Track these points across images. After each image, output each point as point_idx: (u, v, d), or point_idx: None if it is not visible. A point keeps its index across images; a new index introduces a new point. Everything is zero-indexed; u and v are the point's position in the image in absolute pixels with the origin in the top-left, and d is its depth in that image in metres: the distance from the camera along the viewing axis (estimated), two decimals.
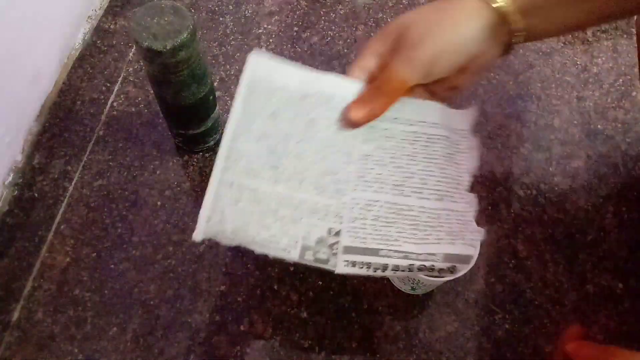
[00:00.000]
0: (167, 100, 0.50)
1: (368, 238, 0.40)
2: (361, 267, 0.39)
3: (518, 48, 0.69)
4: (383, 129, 0.43)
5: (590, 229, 0.56)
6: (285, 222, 0.39)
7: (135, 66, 0.65)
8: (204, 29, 0.68)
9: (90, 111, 0.61)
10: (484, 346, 0.50)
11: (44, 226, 0.54)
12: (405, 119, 0.44)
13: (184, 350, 0.48)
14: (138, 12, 0.45)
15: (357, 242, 0.39)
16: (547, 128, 0.62)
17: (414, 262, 0.39)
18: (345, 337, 0.50)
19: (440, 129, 0.45)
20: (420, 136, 0.44)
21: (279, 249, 0.39)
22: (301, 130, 0.42)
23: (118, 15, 0.69)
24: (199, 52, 0.47)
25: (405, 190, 0.42)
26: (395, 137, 0.44)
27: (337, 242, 0.39)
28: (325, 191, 0.41)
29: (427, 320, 0.51)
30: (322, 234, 0.39)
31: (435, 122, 0.45)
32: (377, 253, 0.39)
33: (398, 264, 0.39)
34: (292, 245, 0.39)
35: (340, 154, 0.42)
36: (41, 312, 0.50)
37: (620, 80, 0.66)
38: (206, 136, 0.57)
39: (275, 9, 0.71)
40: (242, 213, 0.39)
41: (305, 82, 0.43)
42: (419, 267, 0.39)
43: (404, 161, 0.43)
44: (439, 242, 0.40)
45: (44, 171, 0.57)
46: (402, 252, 0.39)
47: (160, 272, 0.52)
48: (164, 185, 0.56)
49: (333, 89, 0.43)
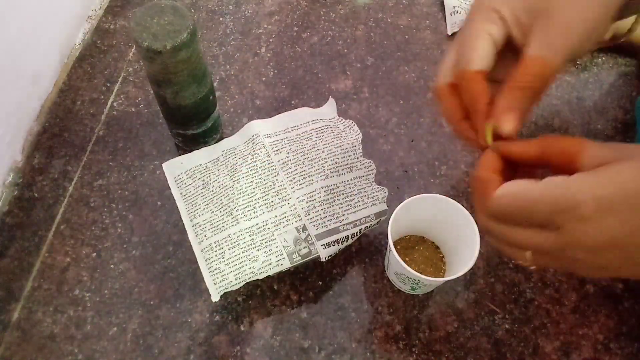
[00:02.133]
0: (167, 100, 0.50)
1: (325, 221, 0.49)
2: (334, 245, 0.49)
3: None
4: (281, 140, 0.54)
5: None
6: (264, 245, 0.48)
7: (135, 66, 0.65)
8: (204, 29, 0.68)
9: (90, 111, 0.61)
10: (484, 346, 0.50)
11: (44, 226, 0.54)
12: (292, 127, 0.55)
13: (184, 350, 0.48)
14: (138, 12, 0.45)
15: (321, 228, 0.49)
16: (547, 128, 0.62)
17: (360, 226, 0.50)
18: (345, 337, 0.50)
19: (320, 122, 0.56)
20: (311, 133, 0.55)
21: (274, 266, 0.48)
22: (229, 178, 0.52)
23: (118, 15, 0.69)
24: (199, 52, 0.47)
25: (327, 173, 0.52)
26: (295, 140, 0.54)
27: (308, 234, 0.49)
28: (275, 204, 0.50)
29: (427, 320, 0.51)
30: (294, 234, 0.49)
31: (314, 119, 0.56)
32: (338, 230, 0.49)
33: (354, 232, 0.49)
34: (280, 257, 0.48)
35: (267, 172, 0.52)
36: (41, 312, 0.50)
37: (620, 81, 0.66)
38: (206, 136, 0.57)
39: (275, 9, 0.71)
40: (232, 261, 0.48)
41: (209, 152, 0.54)
42: (364, 229, 0.50)
43: (312, 154, 0.53)
44: (366, 206, 0.51)
45: (44, 171, 0.57)
46: (350, 222, 0.50)
47: (160, 272, 0.52)
48: (164, 185, 0.56)
49: (229, 144, 0.55)
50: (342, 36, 0.68)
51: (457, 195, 0.57)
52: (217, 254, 0.48)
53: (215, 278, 0.47)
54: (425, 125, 0.62)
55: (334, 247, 0.49)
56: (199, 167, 0.53)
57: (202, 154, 0.54)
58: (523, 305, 0.52)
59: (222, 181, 0.52)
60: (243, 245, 0.48)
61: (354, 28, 0.69)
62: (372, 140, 0.60)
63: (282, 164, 0.52)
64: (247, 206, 0.50)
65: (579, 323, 0.51)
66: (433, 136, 0.61)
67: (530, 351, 0.50)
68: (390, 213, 0.47)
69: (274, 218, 0.49)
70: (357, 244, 0.54)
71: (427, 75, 0.66)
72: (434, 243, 0.53)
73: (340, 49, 0.67)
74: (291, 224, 0.49)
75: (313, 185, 0.51)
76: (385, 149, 0.60)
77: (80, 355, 0.48)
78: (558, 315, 0.51)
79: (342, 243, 0.49)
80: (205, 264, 0.48)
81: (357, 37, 0.68)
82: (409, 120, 0.62)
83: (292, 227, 0.49)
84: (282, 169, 0.52)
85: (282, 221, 0.49)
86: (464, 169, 0.59)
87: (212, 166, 0.53)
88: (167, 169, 0.53)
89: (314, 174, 0.51)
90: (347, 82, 0.65)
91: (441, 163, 0.59)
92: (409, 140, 0.61)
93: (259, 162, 0.52)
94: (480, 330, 0.50)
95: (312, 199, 0.50)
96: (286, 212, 0.50)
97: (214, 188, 0.52)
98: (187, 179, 0.53)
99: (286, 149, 0.53)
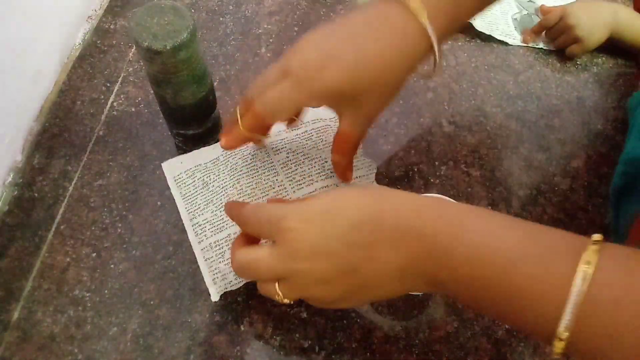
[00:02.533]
0: (167, 100, 0.50)
1: None
2: None
3: (519, 48, 0.69)
4: (281, 140, 0.54)
5: (590, 229, 0.56)
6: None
7: (135, 66, 0.65)
8: (204, 29, 0.68)
9: (90, 111, 0.61)
10: (484, 346, 0.50)
11: (44, 226, 0.54)
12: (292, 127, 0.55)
13: (184, 350, 0.48)
14: (138, 12, 0.45)
15: None
16: (547, 128, 0.62)
17: None
18: (345, 337, 0.50)
19: (321, 122, 0.56)
20: (311, 132, 0.55)
21: None
22: (229, 178, 0.52)
23: (118, 15, 0.69)
24: (199, 52, 0.47)
25: (327, 173, 0.52)
26: (295, 140, 0.54)
27: None
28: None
29: (427, 320, 0.51)
30: None
31: (314, 119, 0.56)
32: None
33: None
34: None
35: (267, 172, 0.52)
36: (41, 312, 0.50)
37: (620, 80, 0.66)
38: (206, 136, 0.57)
39: (275, 9, 0.71)
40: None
41: (209, 152, 0.54)
42: None
43: (312, 154, 0.53)
44: None
45: (44, 171, 0.57)
46: None
47: (160, 272, 0.52)
48: (164, 185, 0.56)
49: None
50: None
51: (457, 196, 0.57)
52: (217, 253, 0.48)
53: (215, 278, 0.48)
54: (425, 125, 0.62)
55: None
56: (199, 166, 0.54)
57: (202, 154, 0.54)
58: None
59: (222, 181, 0.52)
60: None
61: None
62: (372, 140, 0.60)
63: (282, 164, 0.52)
64: None
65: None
66: (433, 136, 0.61)
67: (530, 351, 0.50)
68: None
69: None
70: None
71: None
72: None
73: None
74: None
75: (313, 185, 0.51)
76: (385, 149, 0.60)
77: (80, 355, 0.48)
78: None
79: None
80: (205, 263, 0.48)
81: None
82: (409, 120, 0.62)
83: None
84: (282, 169, 0.52)
85: None
86: (464, 169, 0.59)
87: (212, 166, 0.53)
88: (166, 169, 0.53)
89: (314, 173, 0.51)
90: None
91: (441, 163, 0.59)
92: (409, 140, 0.61)
93: (259, 162, 0.52)
94: (480, 330, 0.50)
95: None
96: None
97: (214, 188, 0.52)
98: (186, 179, 0.53)
99: (286, 149, 0.53)
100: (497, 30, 0.69)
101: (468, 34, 0.69)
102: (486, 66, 0.67)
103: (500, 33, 0.69)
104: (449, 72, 0.66)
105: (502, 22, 0.71)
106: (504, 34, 0.69)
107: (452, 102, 0.64)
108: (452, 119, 0.63)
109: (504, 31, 0.70)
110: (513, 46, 0.69)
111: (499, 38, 0.69)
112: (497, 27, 0.70)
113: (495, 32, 0.69)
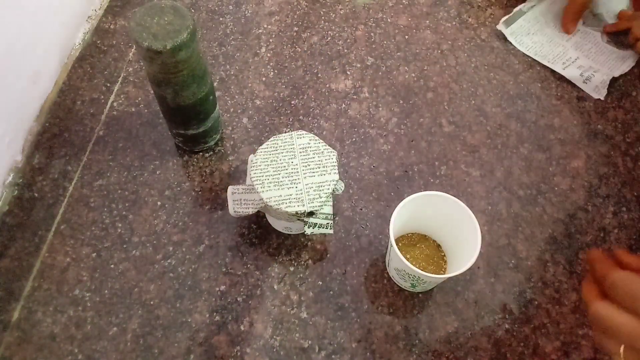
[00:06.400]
0: (167, 100, 0.50)
1: (324, 208, 0.51)
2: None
3: (516, 50, 0.69)
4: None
5: (590, 229, 0.56)
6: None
7: (135, 66, 0.65)
8: (204, 29, 0.68)
9: (90, 111, 0.61)
10: (484, 346, 0.50)
11: (44, 226, 0.54)
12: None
13: (184, 350, 0.48)
14: (138, 12, 0.45)
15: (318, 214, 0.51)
16: (547, 128, 0.62)
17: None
18: (345, 337, 0.50)
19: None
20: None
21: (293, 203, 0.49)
22: (254, 154, 0.52)
23: (118, 15, 0.69)
24: (199, 52, 0.47)
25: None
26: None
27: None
28: (282, 185, 0.50)
29: (427, 320, 0.51)
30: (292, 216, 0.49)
31: None
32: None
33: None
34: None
35: (285, 153, 0.52)
36: (41, 312, 0.50)
37: (620, 80, 0.66)
38: (206, 136, 0.57)
39: (275, 9, 0.71)
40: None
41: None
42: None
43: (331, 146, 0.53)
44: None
45: (44, 171, 0.57)
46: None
47: (160, 272, 0.52)
48: (164, 185, 0.56)
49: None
50: (342, 36, 0.68)
51: (456, 196, 0.57)
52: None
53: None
54: (425, 125, 0.62)
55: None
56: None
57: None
58: (523, 305, 0.52)
59: (251, 156, 0.53)
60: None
61: (354, 28, 0.69)
62: (372, 140, 0.60)
63: (302, 149, 0.52)
64: (256, 180, 0.50)
65: (579, 323, 0.51)
66: (433, 136, 0.61)
67: (530, 351, 0.50)
68: (392, 211, 0.47)
69: (278, 197, 0.49)
70: (357, 244, 0.54)
71: (427, 75, 0.66)
72: (436, 241, 0.53)
73: (340, 49, 0.67)
74: (292, 206, 0.49)
75: (325, 176, 0.51)
76: (385, 149, 0.60)
77: (80, 355, 0.48)
78: (558, 315, 0.51)
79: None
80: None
81: (357, 37, 0.68)
82: (409, 120, 0.62)
83: (292, 209, 0.48)
84: (301, 153, 0.52)
85: (284, 202, 0.49)
86: (464, 169, 0.59)
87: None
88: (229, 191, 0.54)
89: (330, 166, 0.51)
90: (347, 82, 0.65)
91: (441, 163, 0.59)
92: (409, 140, 0.61)
93: (280, 141, 0.53)
94: (480, 330, 0.50)
95: (320, 189, 0.50)
96: (291, 194, 0.49)
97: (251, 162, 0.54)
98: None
99: (310, 136, 0.53)
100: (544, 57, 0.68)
101: (468, 34, 0.69)
102: (486, 66, 0.67)
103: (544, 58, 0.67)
104: (449, 72, 0.66)
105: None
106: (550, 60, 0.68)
107: (452, 102, 0.64)
108: (452, 119, 0.63)
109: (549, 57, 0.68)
110: (514, 47, 0.69)
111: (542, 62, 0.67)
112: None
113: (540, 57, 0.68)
